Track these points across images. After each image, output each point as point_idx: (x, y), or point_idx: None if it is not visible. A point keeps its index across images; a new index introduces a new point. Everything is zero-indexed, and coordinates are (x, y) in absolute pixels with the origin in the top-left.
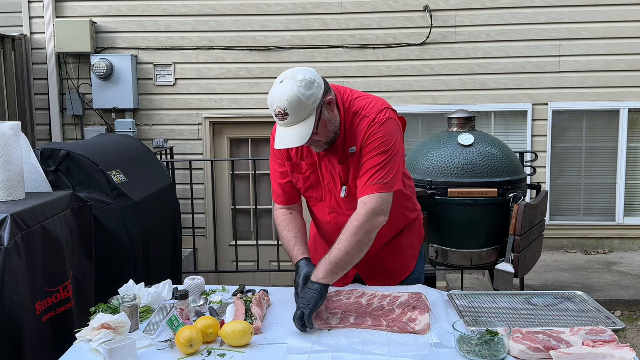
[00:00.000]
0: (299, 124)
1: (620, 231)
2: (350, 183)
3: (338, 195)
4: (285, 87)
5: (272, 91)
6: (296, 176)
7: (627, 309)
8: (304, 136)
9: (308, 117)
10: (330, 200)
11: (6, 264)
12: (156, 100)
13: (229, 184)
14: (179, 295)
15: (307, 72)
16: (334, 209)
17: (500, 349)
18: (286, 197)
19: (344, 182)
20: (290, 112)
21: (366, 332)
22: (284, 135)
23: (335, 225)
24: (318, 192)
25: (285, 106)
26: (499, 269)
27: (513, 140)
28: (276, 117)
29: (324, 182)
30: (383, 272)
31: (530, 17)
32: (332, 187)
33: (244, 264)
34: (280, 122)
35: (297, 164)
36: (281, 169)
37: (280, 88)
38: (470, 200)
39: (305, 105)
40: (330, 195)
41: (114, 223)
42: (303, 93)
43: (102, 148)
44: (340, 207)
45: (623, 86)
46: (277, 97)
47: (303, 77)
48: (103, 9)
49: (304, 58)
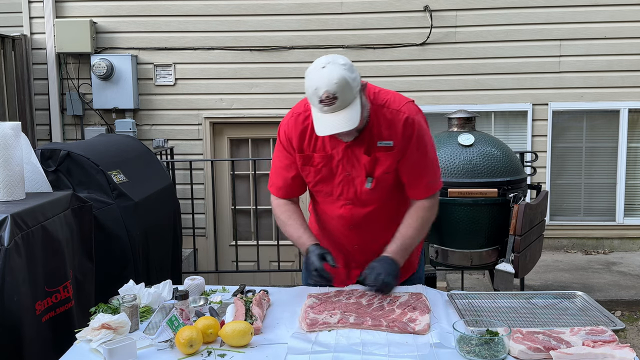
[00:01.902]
0: (345, 108)
1: (620, 231)
2: (379, 175)
3: (360, 187)
4: (331, 71)
5: (313, 77)
6: (307, 169)
7: (627, 309)
8: (354, 120)
9: (353, 100)
10: (347, 192)
11: (6, 264)
12: (156, 100)
13: (229, 184)
14: (179, 295)
15: (343, 57)
16: (350, 201)
17: (500, 349)
18: (286, 190)
19: (369, 174)
20: (340, 95)
21: (366, 332)
22: (330, 120)
23: (349, 218)
24: (328, 186)
25: (334, 90)
26: (499, 269)
27: (513, 140)
28: (321, 102)
29: (339, 174)
30: None
31: (530, 17)
32: (352, 178)
33: (244, 264)
34: (326, 108)
35: (309, 156)
36: (288, 160)
37: (325, 72)
38: (470, 200)
39: (351, 88)
40: (347, 187)
41: (114, 223)
42: (349, 75)
43: (102, 148)
44: (359, 199)
45: (623, 86)
46: (324, 81)
47: (344, 61)
48: (103, 9)
49: (304, 58)
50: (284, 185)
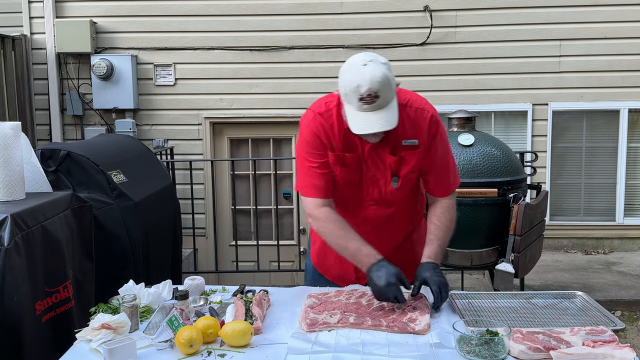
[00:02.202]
0: (385, 107)
1: (620, 231)
2: (404, 175)
3: (385, 187)
4: (374, 69)
5: (354, 74)
6: (338, 169)
7: (627, 309)
8: (393, 120)
9: (392, 99)
10: (372, 193)
11: (6, 264)
12: (156, 100)
13: (229, 184)
14: (179, 295)
15: (380, 55)
16: (375, 202)
17: (500, 349)
18: (327, 189)
19: (394, 173)
20: (382, 94)
21: (366, 333)
22: (370, 119)
23: (372, 218)
24: (356, 187)
25: (377, 88)
26: (499, 269)
27: (513, 140)
28: (361, 100)
29: (367, 175)
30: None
31: (530, 17)
32: (376, 179)
33: (244, 264)
34: (366, 106)
35: (341, 155)
36: (320, 159)
37: (368, 70)
38: (470, 200)
39: (391, 87)
40: (372, 188)
41: (114, 223)
42: (390, 75)
43: (102, 148)
44: (383, 200)
45: (623, 86)
46: (367, 79)
47: (384, 60)
48: (103, 9)
49: (304, 58)
50: (325, 185)
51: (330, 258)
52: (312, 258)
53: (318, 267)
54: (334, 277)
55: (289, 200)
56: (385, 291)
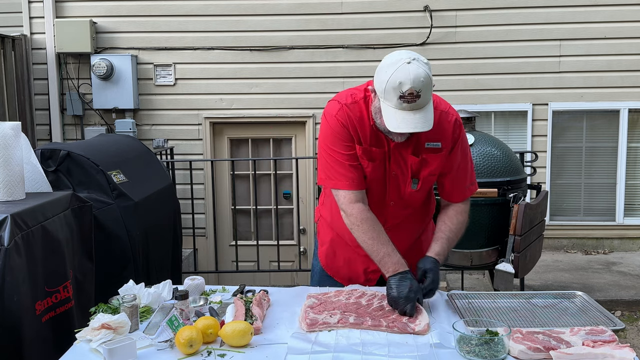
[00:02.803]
0: (424, 108)
1: (620, 231)
2: (424, 177)
3: (404, 187)
4: (418, 67)
5: (397, 71)
6: (366, 163)
7: (627, 309)
8: (430, 121)
9: (430, 101)
10: (392, 192)
11: (6, 264)
12: (156, 100)
13: (229, 184)
14: (179, 295)
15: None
16: (394, 202)
17: (500, 349)
18: (360, 181)
19: (414, 175)
20: (423, 94)
21: (366, 333)
22: (408, 118)
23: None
24: (381, 184)
25: (420, 87)
26: (499, 269)
27: (513, 140)
28: (402, 98)
29: (389, 173)
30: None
31: (530, 17)
32: (397, 179)
33: (244, 264)
34: (405, 105)
35: (368, 150)
36: (350, 151)
37: (412, 68)
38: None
39: (431, 89)
40: (393, 186)
41: (114, 223)
42: (431, 75)
43: (102, 148)
44: (401, 200)
45: (623, 86)
46: (411, 77)
47: (426, 60)
48: (103, 9)
49: (304, 58)
50: (358, 176)
51: (339, 259)
52: (320, 259)
53: (327, 269)
54: (343, 279)
55: (289, 200)
56: (401, 303)
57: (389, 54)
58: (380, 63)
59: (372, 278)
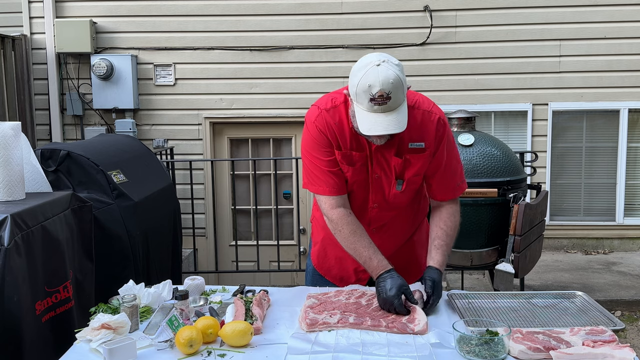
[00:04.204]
0: (396, 109)
1: (620, 231)
2: (410, 178)
3: (388, 190)
4: (387, 69)
5: (367, 74)
6: (345, 167)
7: (627, 309)
8: (403, 122)
9: (403, 102)
10: (375, 194)
11: (6, 264)
12: (156, 100)
13: (229, 184)
14: (179, 295)
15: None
16: (378, 204)
17: (500, 349)
18: (340, 186)
19: (399, 176)
20: (393, 95)
21: (366, 333)
22: (379, 120)
23: (374, 221)
24: (363, 188)
25: (390, 89)
26: (499, 269)
27: (513, 140)
28: (372, 101)
29: (372, 176)
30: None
31: (530, 17)
32: (380, 181)
33: (244, 264)
34: (377, 107)
35: (347, 154)
36: (329, 157)
37: (381, 70)
38: (470, 200)
39: (403, 90)
40: (377, 189)
41: (114, 223)
42: (402, 77)
43: (102, 148)
44: (386, 202)
45: (623, 86)
46: (380, 79)
47: (397, 61)
48: (103, 9)
49: (304, 58)
50: (338, 182)
51: (330, 259)
52: (312, 259)
53: (318, 268)
54: (334, 278)
55: (289, 200)
56: (390, 301)
57: (362, 57)
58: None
59: (363, 278)
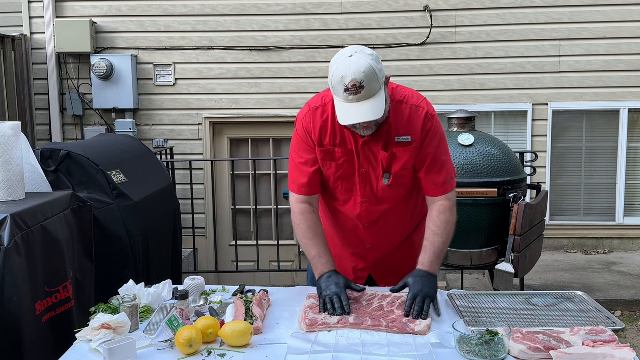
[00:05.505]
0: (371, 98)
1: (620, 231)
2: (396, 172)
3: (376, 184)
4: (359, 59)
5: (340, 66)
6: (328, 164)
7: (627, 309)
8: (379, 110)
9: (379, 91)
10: (364, 189)
11: (6, 264)
12: (156, 100)
13: (229, 184)
14: (179, 295)
15: (369, 48)
16: (367, 199)
17: (500, 349)
18: (311, 187)
19: (386, 170)
20: (366, 84)
21: (366, 333)
22: (354, 110)
23: (365, 216)
24: (349, 183)
25: (361, 78)
26: (499, 269)
27: (513, 140)
28: (347, 91)
29: (359, 170)
30: (396, 272)
31: (530, 17)
32: (368, 175)
33: (244, 264)
34: (352, 97)
35: (330, 151)
36: (309, 155)
37: (353, 61)
38: (470, 200)
39: (377, 79)
40: (364, 184)
41: (114, 223)
42: (376, 66)
43: (102, 148)
44: (375, 197)
45: (623, 86)
46: (351, 69)
47: (371, 52)
48: (103, 9)
49: (304, 58)
50: (309, 182)
51: None
52: None
53: None
54: None
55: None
56: (330, 299)
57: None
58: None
59: (362, 276)
